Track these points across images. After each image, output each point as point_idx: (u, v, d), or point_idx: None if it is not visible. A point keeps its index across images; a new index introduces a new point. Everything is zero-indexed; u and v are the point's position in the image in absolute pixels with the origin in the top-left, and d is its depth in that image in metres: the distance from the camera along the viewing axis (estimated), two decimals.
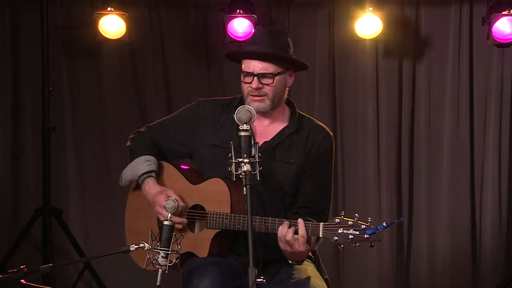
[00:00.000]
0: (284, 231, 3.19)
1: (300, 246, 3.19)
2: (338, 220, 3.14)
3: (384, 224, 3.06)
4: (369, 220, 3.13)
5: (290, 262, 3.30)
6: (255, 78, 3.36)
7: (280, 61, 3.39)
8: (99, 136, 6.11)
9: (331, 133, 3.51)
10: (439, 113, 6.04)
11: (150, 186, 3.44)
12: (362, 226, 3.11)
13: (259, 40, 3.42)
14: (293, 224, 3.20)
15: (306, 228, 3.17)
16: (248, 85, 3.38)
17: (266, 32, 3.45)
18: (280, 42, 3.42)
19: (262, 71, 3.36)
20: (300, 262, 3.32)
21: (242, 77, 3.41)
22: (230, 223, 3.29)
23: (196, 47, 6.10)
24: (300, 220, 3.19)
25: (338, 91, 6.10)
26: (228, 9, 5.71)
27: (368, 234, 3.09)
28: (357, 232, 3.11)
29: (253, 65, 3.36)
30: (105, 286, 5.68)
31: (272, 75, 3.37)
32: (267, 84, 3.37)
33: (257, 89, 3.36)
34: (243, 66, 3.42)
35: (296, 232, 3.18)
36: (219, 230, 3.31)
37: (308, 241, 3.21)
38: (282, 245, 3.22)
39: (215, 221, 3.31)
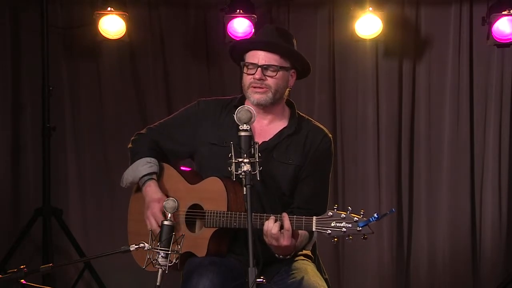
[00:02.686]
0: (270, 225, 3.20)
1: (285, 240, 3.20)
2: (331, 213, 3.15)
3: (376, 215, 3.06)
4: (362, 213, 3.13)
5: (277, 256, 3.31)
6: (259, 69, 3.33)
7: (286, 56, 3.37)
8: (99, 136, 6.11)
9: (330, 135, 3.50)
10: (439, 113, 6.03)
11: (152, 189, 3.43)
12: (355, 218, 3.12)
13: (265, 33, 3.41)
14: (279, 219, 3.21)
15: (290, 221, 3.19)
16: (251, 76, 3.35)
17: (273, 27, 3.44)
18: (287, 39, 3.42)
19: (266, 63, 3.34)
20: (286, 256, 3.32)
21: (245, 69, 3.38)
22: (226, 221, 3.28)
23: (196, 47, 6.10)
24: (284, 214, 3.21)
25: (338, 91, 6.10)
26: (228, 9, 5.71)
27: (361, 227, 3.10)
28: (350, 225, 3.12)
29: (258, 56, 3.35)
30: (105, 286, 5.68)
31: (277, 68, 3.34)
32: (270, 76, 3.34)
33: (260, 79, 3.33)
34: (246, 59, 3.39)
35: (282, 227, 3.20)
36: (216, 228, 3.31)
37: (293, 235, 3.22)
38: (267, 239, 3.23)
39: (212, 219, 3.31)
